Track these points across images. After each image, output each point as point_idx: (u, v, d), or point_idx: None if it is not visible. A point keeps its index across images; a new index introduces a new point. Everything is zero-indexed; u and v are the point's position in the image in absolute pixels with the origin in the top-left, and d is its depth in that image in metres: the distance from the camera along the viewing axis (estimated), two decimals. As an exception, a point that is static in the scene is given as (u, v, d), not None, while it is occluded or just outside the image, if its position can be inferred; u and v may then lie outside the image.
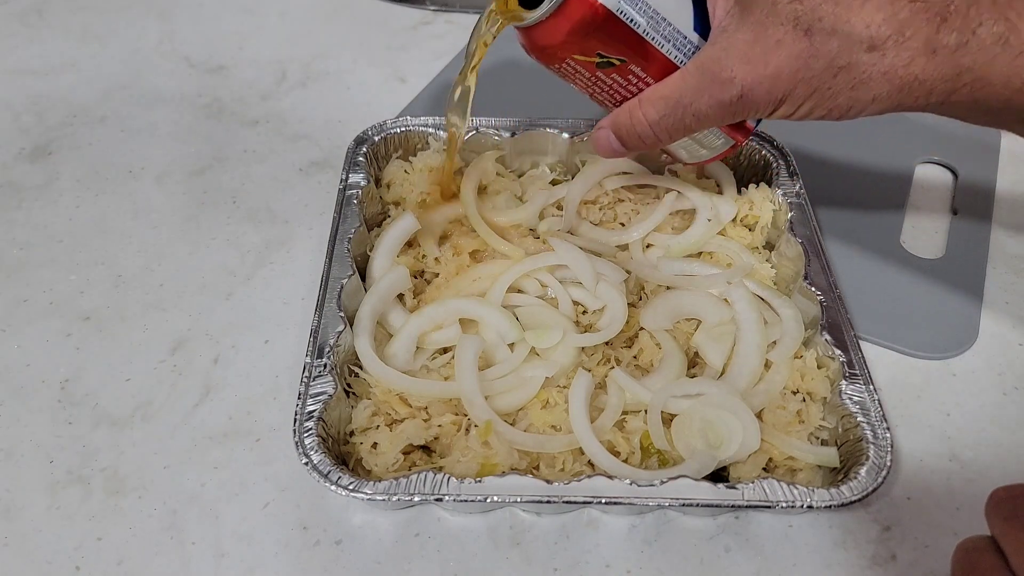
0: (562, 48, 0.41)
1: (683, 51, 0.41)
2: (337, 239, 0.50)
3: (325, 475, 0.39)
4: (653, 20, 0.40)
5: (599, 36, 0.40)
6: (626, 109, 0.43)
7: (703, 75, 0.39)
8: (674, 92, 0.40)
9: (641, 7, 0.39)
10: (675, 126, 0.41)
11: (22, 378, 0.48)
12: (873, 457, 0.40)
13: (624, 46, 0.40)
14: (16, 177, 0.61)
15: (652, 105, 0.41)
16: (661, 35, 0.40)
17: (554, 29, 0.40)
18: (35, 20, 0.78)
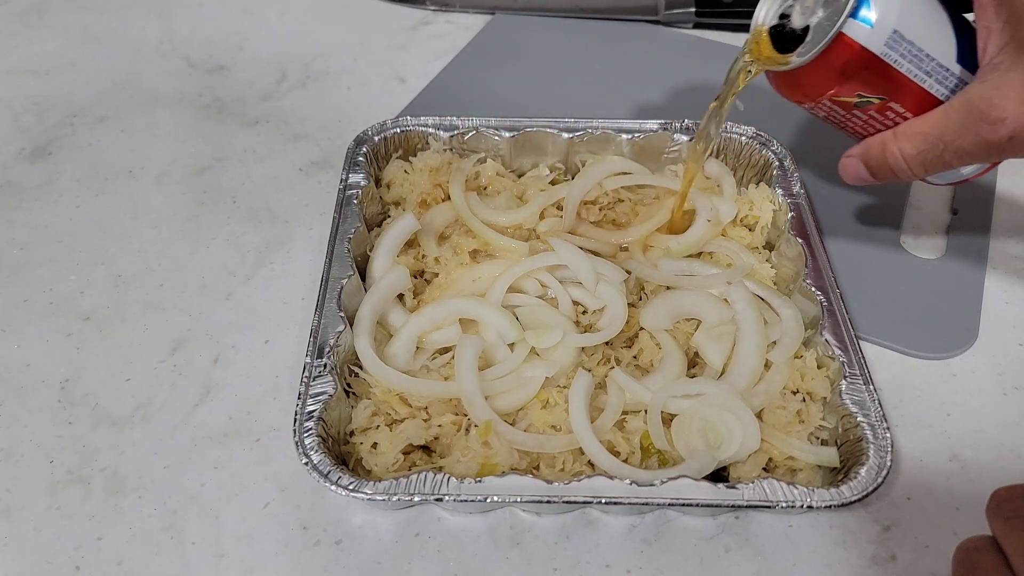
0: (820, 91, 0.41)
1: (945, 84, 0.40)
2: (337, 239, 0.50)
3: (325, 475, 0.39)
4: (916, 58, 0.39)
5: (861, 79, 0.39)
6: (879, 141, 0.42)
7: (970, 113, 0.38)
8: (935, 129, 0.39)
9: (905, 47, 0.39)
10: (933, 162, 0.40)
11: (22, 378, 0.48)
12: (873, 457, 0.40)
13: (886, 86, 0.40)
14: (16, 177, 0.61)
15: (909, 140, 0.40)
16: (923, 71, 0.40)
17: (813, 74, 0.40)
18: (35, 20, 0.78)
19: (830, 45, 0.38)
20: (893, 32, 0.38)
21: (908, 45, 0.39)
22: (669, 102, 0.67)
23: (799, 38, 0.41)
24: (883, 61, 0.39)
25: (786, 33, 0.41)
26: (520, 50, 0.73)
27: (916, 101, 0.40)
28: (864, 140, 0.43)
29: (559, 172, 0.58)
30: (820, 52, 0.39)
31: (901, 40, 0.38)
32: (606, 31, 0.76)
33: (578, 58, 0.73)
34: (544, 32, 0.76)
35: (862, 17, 0.38)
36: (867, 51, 0.38)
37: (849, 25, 0.38)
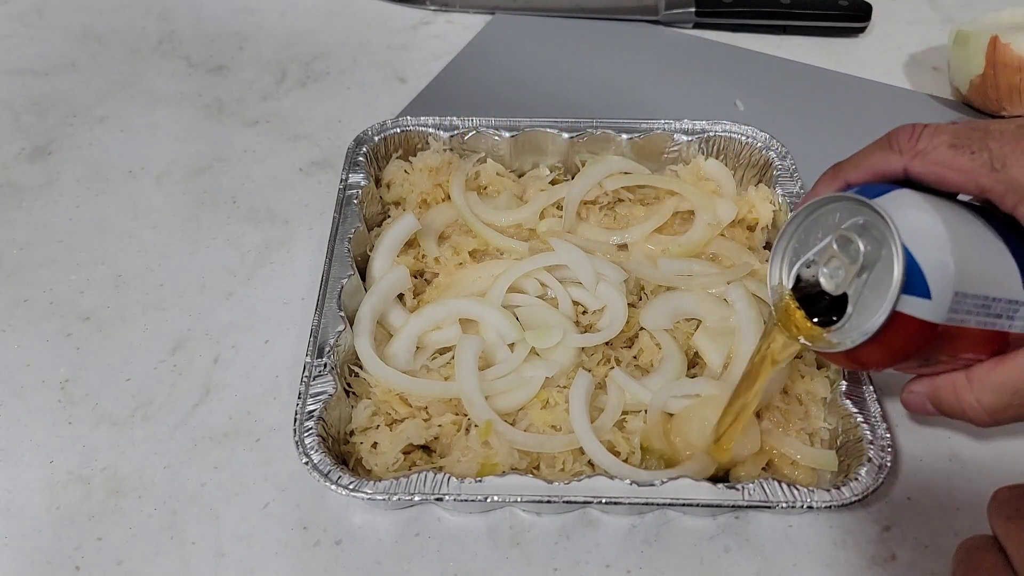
0: (876, 366, 0.35)
1: (1016, 317, 0.35)
2: (337, 239, 0.50)
3: (325, 475, 0.39)
4: (984, 308, 0.34)
5: (928, 348, 0.33)
6: (951, 386, 0.36)
7: None
8: (1021, 380, 0.34)
9: (971, 303, 0.33)
10: (1019, 415, 0.35)
11: (22, 378, 0.48)
12: (873, 457, 0.40)
13: (955, 345, 0.34)
14: (16, 177, 0.61)
15: (991, 391, 0.35)
16: (993, 315, 0.34)
17: (868, 353, 0.34)
18: (35, 20, 0.78)
19: (885, 327, 0.32)
20: (955, 295, 0.32)
21: (973, 300, 0.33)
22: (669, 102, 0.67)
23: (835, 303, 0.34)
24: (950, 327, 0.33)
25: (816, 294, 0.35)
26: (520, 50, 0.73)
27: (986, 343, 0.35)
28: (931, 380, 0.37)
29: (559, 172, 0.58)
30: (873, 335, 0.32)
31: (965, 298, 0.33)
32: (606, 31, 0.76)
33: (578, 58, 0.73)
34: (544, 32, 0.76)
35: (916, 289, 0.32)
36: (928, 324, 0.32)
37: (903, 302, 0.32)
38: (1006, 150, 0.33)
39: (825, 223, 0.35)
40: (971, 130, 0.34)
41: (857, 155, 0.37)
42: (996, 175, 0.33)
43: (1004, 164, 0.33)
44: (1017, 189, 0.33)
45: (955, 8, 0.82)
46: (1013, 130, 0.33)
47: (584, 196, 0.54)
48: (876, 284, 0.33)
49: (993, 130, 0.34)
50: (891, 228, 0.32)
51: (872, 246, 0.33)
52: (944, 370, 0.37)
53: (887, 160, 0.36)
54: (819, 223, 0.36)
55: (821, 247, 0.35)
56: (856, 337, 0.33)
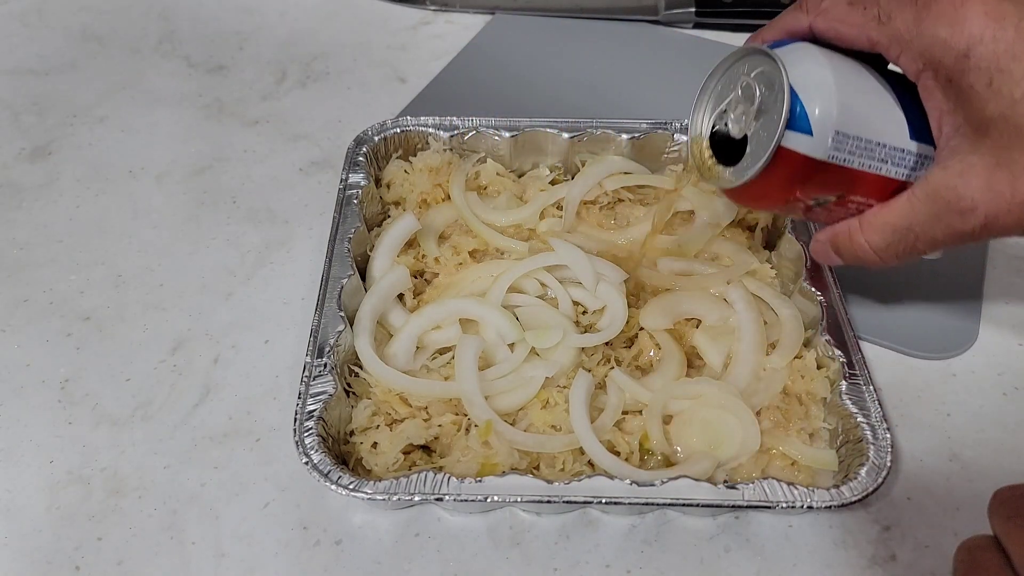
0: (772, 203, 0.39)
1: (903, 165, 0.37)
2: (337, 239, 0.50)
3: (325, 475, 0.39)
4: (867, 150, 0.36)
5: (813, 184, 0.37)
6: (845, 231, 0.39)
7: (936, 203, 0.35)
8: (902, 220, 0.37)
9: (852, 144, 0.36)
10: (904, 252, 0.38)
11: (22, 378, 0.48)
12: (873, 457, 0.40)
13: (841, 184, 0.37)
14: (16, 177, 0.61)
15: (877, 232, 0.38)
16: (877, 159, 0.37)
17: (760, 188, 0.37)
18: (35, 20, 0.78)
19: (772, 160, 0.35)
20: (835, 134, 0.35)
21: (855, 141, 0.36)
22: (669, 102, 0.67)
23: (741, 146, 0.38)
24: (832, 164, 0.36)
25: (727, 140, 0.39)
26: (520, 50, 0.73)
27: (876, 188, 0.38)
28: (831, 227, 0.40)
29: (559, 172, 0.58)
30: (762, 169, 0.36)
31: (846, 138, 0.35)
32: (606, 31, 0.76)
33: (578, 58, 0.73)
34: (544, 32, 0.76)
35: (800, 126, 0.35)
36: (812, 159, 0.35)
37: (788, 138, 0.35)
38: (892, 5, 0.35)
39: (736, 75, 0.39)
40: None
41: (777, 18, 0.40)
42: (882, 28, 0.35)
43: (890, 17, 0.35)
44: (899, 40, 0.35)
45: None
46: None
47: (584, 196, 0.54)
48: (768, 124, 0.36)
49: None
50: (780, 71, 0.35)
51: (769, 91, 0.36)
52: (842, 216, 0.39)
53: (796, 19, 0.38)
54: (732, 76, 0.39)
55: (731, 97, 0.38)
56: (750, 173, 0.36)
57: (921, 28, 0.34)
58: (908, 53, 0.35)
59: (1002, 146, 0.33)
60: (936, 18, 0.34)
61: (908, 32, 0.34)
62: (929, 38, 0.34)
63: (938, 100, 0.35)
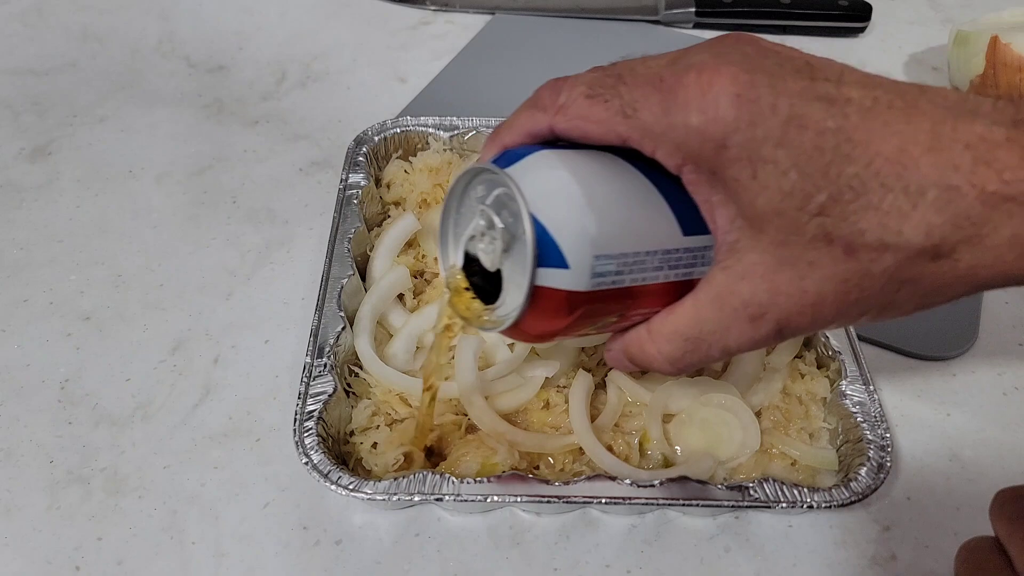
0: (542, 338, 0.34)
1: (680, 265, 0.33)
2: (337, 239, 0.50)
3: (325, 475, 0.39)
4: (636, 263, 0.31)
5: (584, 315, 0.32)
6: (636, 341, 0.35)
7: (723, 310, 0.31)
8: (691, 328, 0.32)
9: (618, 263, 0.31)
10: (699, 360, 0.34)
11: (22, 378, 0.48)
12: (873, 457, 0.40)
13: (615, 305, 0.32)
14: (16, 177, 0.61)
15: (667, 341, 0.33)
16: (652, 270, 0.32)
17: (528, 329, 0.32)
18: (35, 20, 0.78)
19: (529, 301, 0.30)
20: (595, 259, 0.30)
21: (620, 259, 0.31)
22: (669, 102, 0.67)
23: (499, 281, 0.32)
24: (598, 291, 0.31)
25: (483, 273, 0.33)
26: (520, 50, 0.73)
27: (657, 297, 0.33)
28: (621, 337, 0.35)
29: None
30: (522, 313, 0.31)
31: (609, 259, 0.30)
32: (606, 31, 0.76)
33: (578, 58, 0.73)
34: (544, 32, 0.76)
35: (552, 260, 0.30)
36: (575, 293, 0.30)
37: (542, 275, 0.30)
38: (636, 95, 0.30)
39: (476, 195, 0.33)
40: (606, 77, 0.32)
41: (512, 116, 0.35)
42: (629, 122, 0.30)
43: (635, 110, 0.30)
44: (650, 135, 0.30)
45: (955, 8, 0.82)
46: (645, 73, 0.31)
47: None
48: (519, 258, 0.31)
49: (626, 74, 0.31)
50: (518, 198, 0.30)
51: (513, 219, 0.31)
52: (629, 325, 0.35)
53: (534, 119, 0.33)
54: (472, 200, 0.33)
55: (474, 224, 0.33)
56: (512, 315, 0.31)
57: (671, 119, 0.29)
58: (663, 148, 0.30)
59: (781, 243, 0.29)
60: (684, 106, 0.29)
61: (658, 124, 0.30)
62: (681, 129, 0.29)
63: (705, 192, 0.31)
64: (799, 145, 0.28)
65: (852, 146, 0.27)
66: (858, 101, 0.28)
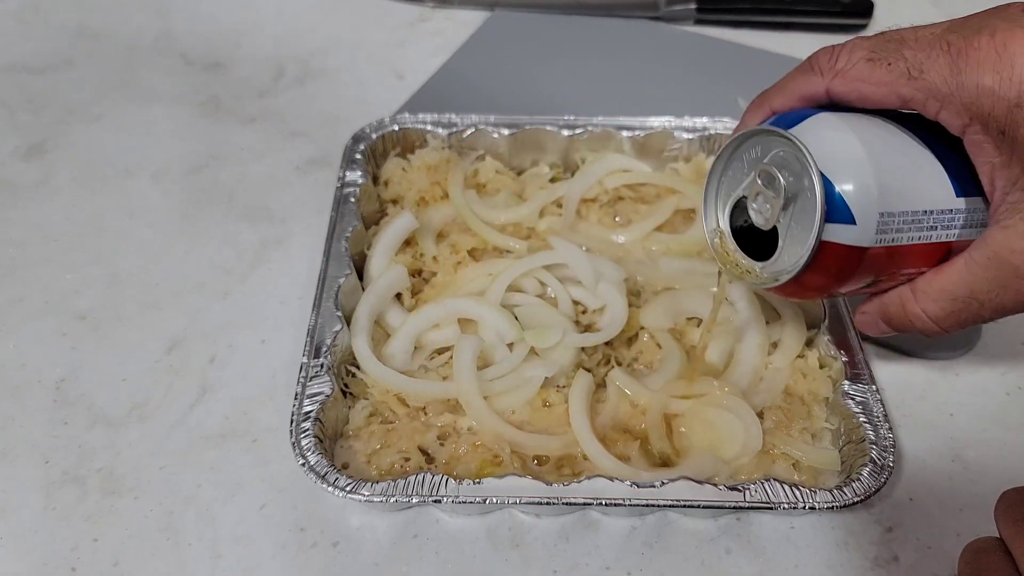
0: (817, 294, 0.35)
1: (953, 226, 0.34)
2: (334, 237, 0.49)
3: (322, 476, 0.38)
4: (915, 222, 0.33)
5: (861, 272, 0.33)
6: (897, 301, 0.36)
7: (999, 268, 0.32)
8: (962, 287, 0.33)
9: (899, 220, 0.32)
10: (968, 320, 0.34)
11: (17, 378, 0.47)
12: (875, 458, 0.40)
13: (890, 263, 0.34)
14: (11, 175, 0.61)
15: (933, 300, 0.34)
16: (927, 229, 0.33)
17: (804, 284, 0.34)
18: (31, 17, 0.77)
19: (814, 255, 0.32)
20: (880, 216, 0.32)
21: (901, 217, 0.32)
22: (670, 99, 0.67)
23: (770, 238, 0.34)
24: (881, 247, 0.33)
25: (750, 231, 0.35)
26: (519, 47, 0.73)
27: (927, 256, 0.34)
28: (879, 298, 0.37)
29: (559, 170, 0.58)
30: (804, 267, 0.32)
31: (892, 217, 0.32)
32: (606, 27, 0.76)
33: (578, 55, 0.72)
34: (543, 28, 0.75)
35: (840, 216, 0.31)
36: (858, 248, 0.32)
37: (828, 231, 0.32)
38: (921, 57, 0.32)
39: (749, 158, 0.35)
40: (887, 41, 0.33)
41: (781, 81, 0.36)
42: (915, 83, 0.32)
43: (921, 71, 0.31)
44: (936, 95, 0.31)
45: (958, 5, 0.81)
46: (928, 37, 0.32)
47: (584, 194, 0.54)
48: (801, 215, 0.32)
49: (908, 38, 0.33)
50: (807, 158, 0.31)
51: (794, 177, 0.32)
52: (891, 286, 0.36)
53: (809, 83, 0.35)
54: (744, 158, 0.35)
55: (747, 183, 0.35)
56: (790, 270, 0.33)
57: (961, 79, 0.30)
58: (950, 107, 0.31)
59: None
60: (977, 66, 0.30)
61: (946, 85, 0.31)
62: (972, 89, 0.30)
63: (989, 154, 0.32)
64: None
65: None
66: None
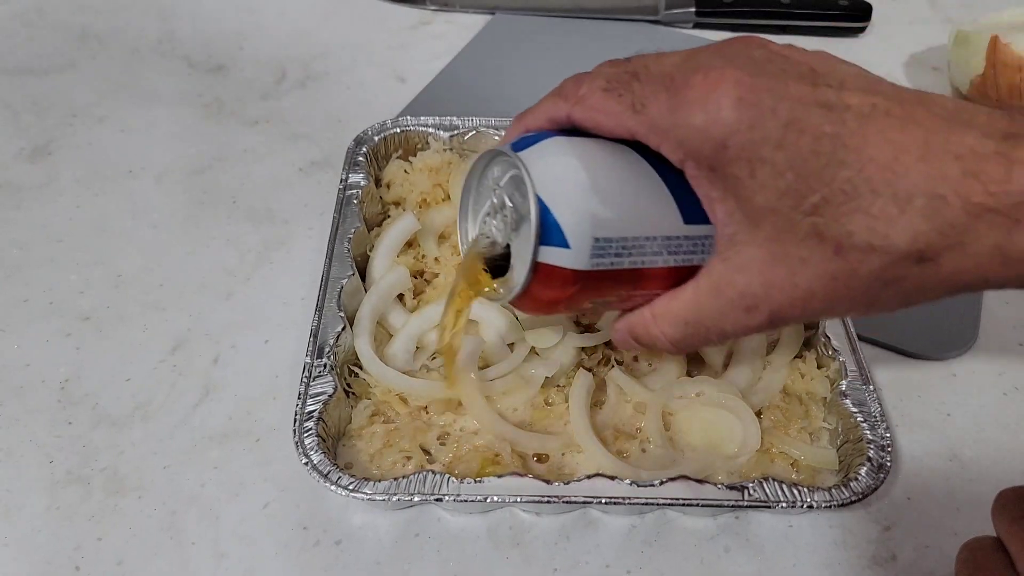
0: (545, 311, 0.36)
1: (681, 252, 0.35)
2: (337, 239, 0.49)
3: (325, 475, 0.38)
4: (636, 247, 0.33)
5: (584, 292, 0.34)
6: (640, 322, 0.37)
7: (719, 298, 0.33)
8: (691, 313, 0.34)
9: (617, 245, 0.33)
10: (700, 342, 0.36)
11: (22, 378, 0.48)
12: (873, 457, 0.40)
13: (615, 285, 0.34)
14: (16, 177, 0.61)
15: (669, 324, 0.35)
16: (651, 254, 0.34)
17: (531, 302, 0.35)
18: (35, 19, 0.78)
19: (532, 276, 0.33)
20: (595, 241, 0.32)
21: (619, 242, 0.33)
22: (669, 102, 0.67)
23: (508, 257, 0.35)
24: (598, 271, 0.33)
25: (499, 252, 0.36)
26: (520, 50, 0.73)
27: (658, 279, 0.35)
28: (626, 317, 0.37)
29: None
30: (524, 286, 0.33)
31: (609, 242, 0.33)
32: (606, 31, 0.76)
33: (578, 58, 0.72)
34: (544, 32, 0.76)
35: (554, 239, 0.32)
36: (574, 271, 0.32)
37: (544, 253, 0.32)
38: (647, 91, 0.32)
39: (493, 176, 0.36)
40: (623, 73, 0.33)
41: (539, 102, 0.38)
42: (638, 117, 0.32)
43: (644, 105, 0.32)
44: (656, 130, 0.32)
45: (955, 8, 0.82)
46: (658, 71, 0.32)
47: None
48: (524, 237, 0.33)
49: (640, 71, 0.33)
50: (527, 181, 0.32)
51: (522, 199, 0.33)
52: (635, 305, 0.37)
53: (556, 106, 0.36)
54: (490, 176, 0.36)
55: (489, 202, 0.36)
56: (515, 288, 0.34)
57: (676, 117, 0.31)
58: (667, 143, 0.32)
59: (775, 239, 0.31)
60: (689, 106, 0.30)
61: (663, 121, 0.31)
62: (684, 128, 0.31)
63: (705, 187, 0.32)
64: (796, 148, 0.29)
65: (847, 151, 0.28)
66: (856, 108, 0.29)
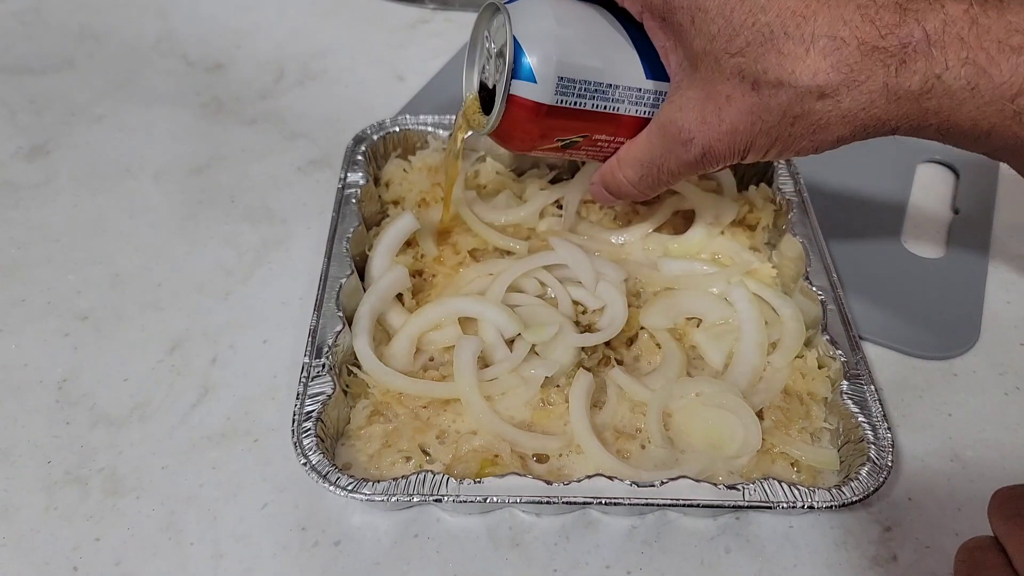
0: (521, 145, 0.41)
1: (642, 103, 0.40)
2: (336, 238, 0.49)
3: (324, 475, 0.38)
4: (598, 92, 0.39)
5: (551, 126, 0.40)
6: (609, 168, 0.43)
7: (665, 136, 0.39)
8: (645, 154, 0.40)
9: (580, 87, 0.38)
10: (655, 184, 0.41)
11: (19, 378, 0.48)
12: (874, 457, 0.40)
13: (580, 125, 0.40)
14: (13, 176, 0.61)
15: (629, 166, 0.41)
16: (613, 100, 0.40)
17: (508, 133, 0.40)
18: (33, 18, 0.78)
19: (505, 107, 0.39)
20: (559, 80, 0.38)
21: (582, 84, 0.38)
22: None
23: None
24: (562, 107, 0.39)
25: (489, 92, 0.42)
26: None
27: (622, 127, 0.41)
28: (601, 167, 0.44)
29: (559, 171, 0.58)
30: (500, 116, 0.39)
31: (572, 83, 0.38)
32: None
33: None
34: (543, 30, 0.75)
35: (524, 75, 0.38)
36: (541, 104, 0.38)
37: (515, 86, 0.38)
38: None
39: (492, 28, 0.42)
40: None
41: None
42: None
43: None
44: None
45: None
46: None
47: (584, 195, 0.54)
48: (503, 73, 0.39)
49: None
50: (507, 24, 0.38)
51: (506, 44, 0.38)
52: (604, 155, 0.43)
53: None
54: (489, 30, 0.42)
55: (486, 50, 0.42)
56: (493, 120, 0.40)
57: None
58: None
59: (708, 79, 0.36)
60: None
61: None
62: None
63: (660, 38, 0.38)
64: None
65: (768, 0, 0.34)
66: None
